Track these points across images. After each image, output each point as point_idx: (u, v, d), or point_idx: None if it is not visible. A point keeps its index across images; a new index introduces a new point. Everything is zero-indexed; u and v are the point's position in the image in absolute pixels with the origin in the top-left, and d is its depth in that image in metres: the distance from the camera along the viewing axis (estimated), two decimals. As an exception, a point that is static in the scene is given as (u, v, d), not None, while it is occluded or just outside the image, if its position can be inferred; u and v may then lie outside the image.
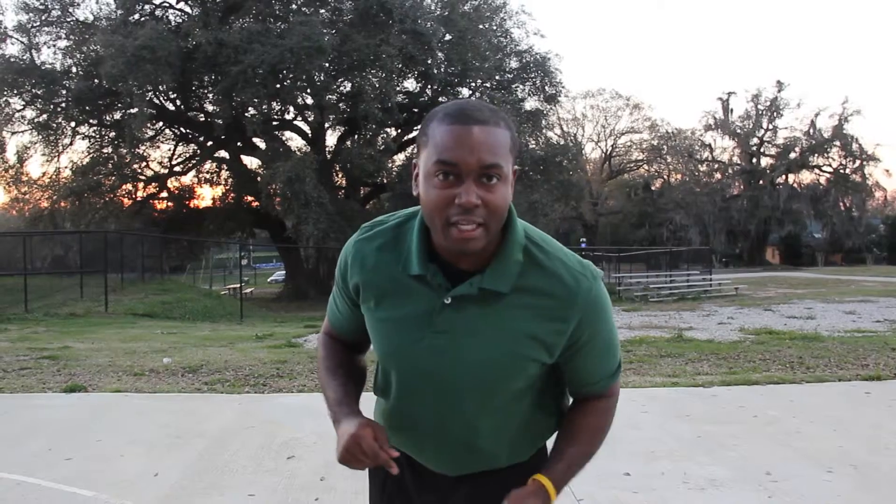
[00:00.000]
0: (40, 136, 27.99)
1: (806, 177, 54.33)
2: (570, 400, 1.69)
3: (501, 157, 1.34)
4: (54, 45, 27.77)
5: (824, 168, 53.05)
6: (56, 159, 28.58)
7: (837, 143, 51.23)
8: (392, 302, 1.49)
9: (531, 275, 1.43)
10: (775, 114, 53.22)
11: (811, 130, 52.17)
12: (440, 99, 29.77)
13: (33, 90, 26.71)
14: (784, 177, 53.28)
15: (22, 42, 27.01)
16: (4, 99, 26.55)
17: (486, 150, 1.31)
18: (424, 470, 1.67)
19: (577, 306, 1.42)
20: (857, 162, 51.43)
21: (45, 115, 27.57)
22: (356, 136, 29.37)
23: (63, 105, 27.30)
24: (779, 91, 52.63)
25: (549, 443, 1.71)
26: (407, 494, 1.70)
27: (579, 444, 1.61)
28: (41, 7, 26.66)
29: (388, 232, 1.54)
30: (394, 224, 1.55)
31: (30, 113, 27.62)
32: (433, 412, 1.55)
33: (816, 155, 52.40)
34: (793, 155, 52.58)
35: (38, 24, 26.95)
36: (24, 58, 26.84)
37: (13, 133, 27.81)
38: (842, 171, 51.92)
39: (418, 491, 1.68)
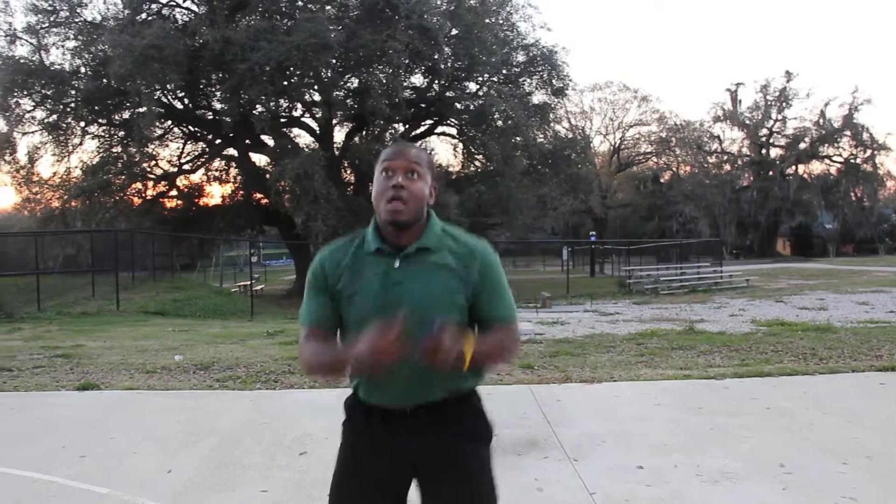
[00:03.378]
0: (50, 137, 28.09)
1: (816, 167, 54.03)
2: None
3: (420, 164, 2.13)
4: (63, 46, 27.80)
5: (835, 158, 52.71)
6: (66, 159, 28.69)
7: (848, 132, 50.86)
8: (359, 275, 2.14)
9: (447, 240, 2.17)
10: (784, 104, 52.87)
11: (821, 120, 51.79)
12: (447, 94, 29.74)
13: (43, 91, 26.79)
14: (794, 167, 52.96)
15: (31, 43, 27.09)
16: (15, 100, 26.63)
17: (411, 158, 2.13)
18: (387, 415, 2.17)
19: (477, 258, 2.15)
20: (868, 151, 51.06)
21: (54, 116, 27.65)
22: (364, 132, 29.36)
23: (72, 105, 27.37)
24: (788, 81, 52.30)
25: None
26: (377, 444, 2.20)
27: (492, 341, 2.13)
28: (49, 8, 26.72)
29: (342, 240, 2.25)
30: (345, 237, 2.25)
31: (40, 113, 27.72)
32: None
33: (827, 145, 52.05)
34: (803, 145, 52.25)
35: (46, 25, 27.01)
36: (34, 59, 26.92)
37: (24, 134, 27.90)
38: (852, 160, 51.55)
39: (385, 435, 2.19)
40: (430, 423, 2.15)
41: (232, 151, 30.93)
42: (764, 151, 54.38)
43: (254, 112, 25.72)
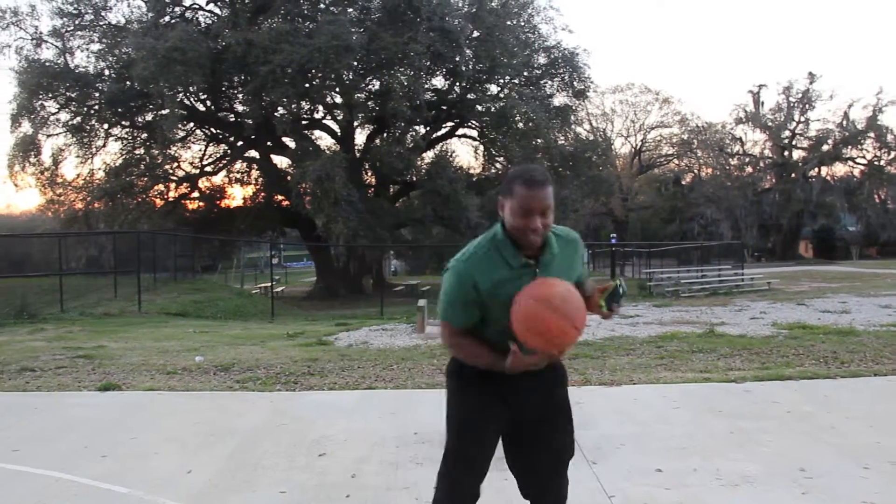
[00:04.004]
0: (74, 139, 28.44)
1: (839, 169, 53.46)
2: None
3: (550, 203, 2.59)
4: (87, 49, 28.16)
5: (858, 160, 52.13)
6: (90, 161, 29.05)
7: (871, 134, 50.28)
8: (514, 284, 2.58)
9: (559, 241, 2.76)
10: (807, 106, 52.36)
11: (844, 122, 51.23)
12: (468, 96, 29.76)
13: (67, 93, 27.13)
14: (817, 169, 52.45)
15: (56, 46, 27.46)
16: (40, 102, 27.00)
17: (544, 201, 2.57)
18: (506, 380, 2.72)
19: (577, 246, 2.86)
20: (892, 153, 50.42)
21: (79, 118, 27.99)
22: (385, 134, 29.45)
23: (96, 107, 27.70)
24: (811, 83, 51.80)
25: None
26: (501, 395, 2.77)
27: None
28: (75, 12, 27.05)
29: (479, 254, 2.65)
30: (481, 246, 2.67)
31: (64, 116, 28.09)
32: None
33: (850, 147, 51.49)
34: (825, 147, 51.72)
35: (71, 28, 27.36)
36: (59, 62, 27.28)
37: (48, 136, 28.28)
38: (876, 162, 50.98)
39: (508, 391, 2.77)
40: (536, 380, 2.78)
41: (253, 153, 31.14)
42: (786, 153, 53.90)
43: (275, 114, 25.90)
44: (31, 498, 4.18)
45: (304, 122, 29.69)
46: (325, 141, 31.92)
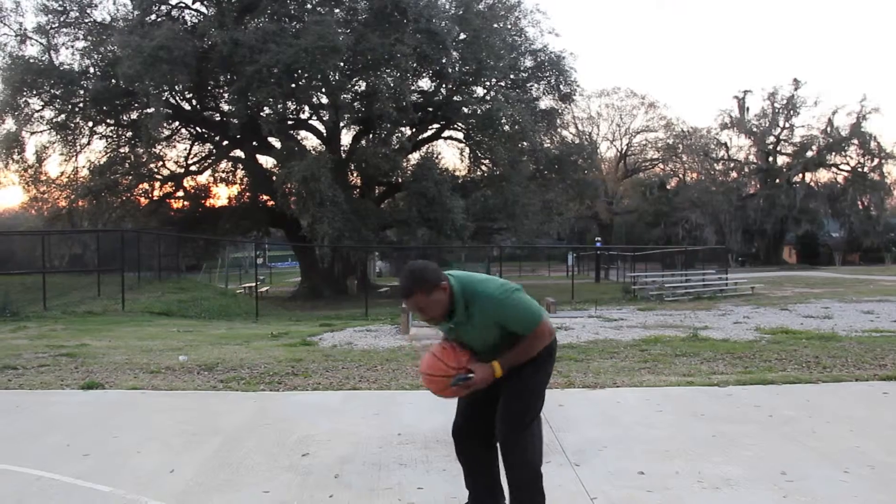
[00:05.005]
0: (59, 136, 28.25)
1: (823, 175, 53.95)
2: None
3: (420, 305, 3.27)
4: (72, 46, 27.98)
5: (842, 166, 52.63)
6: (74, 159, 28.87)
7: (855, 141, 50.79)
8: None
9: (463, 311, 3.32)
10: (792, 112, 52.81)
11: (828, 128, 51.72)
12: (455, 98, 29.78)
13: (52, 90, 26.94)
14: (801, 175, 52.90)
15: (41, 43, 27.25)
16: (24, 99, 26.79)
17: (414, 306, 3.31)
18: None
19: (485, 305, 3.30)
20: (876, 160, 50.97)
21: (63, 115, 27.80)
22: (371, 136, 29.43)
23: (81, 105, 27.52)
24: (795, 89, 52.26)
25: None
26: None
27: (514, 350, 3.37)
28: (60, 9, 26.87)
29: None
30: None
31: (48, 113, 27.89)
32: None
33: (834, 153, 51.98)
34: (810, 153, 52.18)
35: (56, 25, 27.17)
36: (44, 59, 27.07)
37: (32, 133, 28.09)
38: (860, 169, 51.47)
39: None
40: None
41: (239, 153, 31.05)
42: (771, 159, 54.32)
43: (261, 114, 25.80)
44: (12, 497, 4.16)
45: (289, 123, 29.61)
46: (310, 141, 31.91)
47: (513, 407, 3.42)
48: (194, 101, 29.57)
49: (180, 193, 31.95)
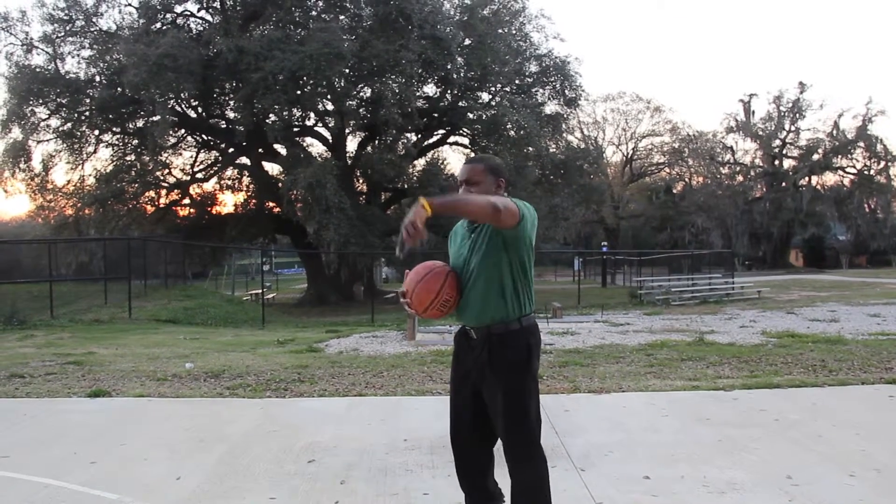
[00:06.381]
0: (65, 145, 28.35)
1: (829, 178, 53.78)
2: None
3: (477, 176, 3.25)
4: (78, 55, 28.10)
5: (848, 169, 52.46)
6: (80, 167, 28.95)
7: (861, 144, 50.62)
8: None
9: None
10: (798, 115, 52.70)
11: (834, 132, 51.58)
12: (460, 104, 29.82)
13: (58, 99, 27.05)
14: (807, 179, 52.74)
15: (47, 52, 27.38)
16: (30, 108, 26.90)
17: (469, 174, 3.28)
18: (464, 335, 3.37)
19: None
20: (882, 163, 50.78)
21: (69, 124, 27.90)
22: (377, 142, 29.47)
23: (87, 113, 27.62)
24: (801, 92, 52.16)
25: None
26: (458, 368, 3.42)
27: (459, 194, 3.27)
28: (66, 18, 27.00)
29: None
30: None
31: (55, 122, 27.98)
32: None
33: (840, 156, 51.81)
34: (816, 156, 52.02)
35: (62, 34, 27.30)
36: (50, 68, 27.20)
37: (39, 142, 28.18)
38: (866, 172, 51.28)
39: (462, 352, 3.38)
40: (480, 349, 3.21)
41: (245, 160, 31.10)
42: (777, 162, 54.20)
43: (267, 121, 25.88)
44: (19, 504, 4.18)
45: (295, 129, 29.67)
46: (316, 148, 31.95)
47: (510, 438, 3.21)
48: (200, 109, 29.65)
49: (186, 201, 32.02)
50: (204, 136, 31.03)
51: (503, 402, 3.17)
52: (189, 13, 28.33)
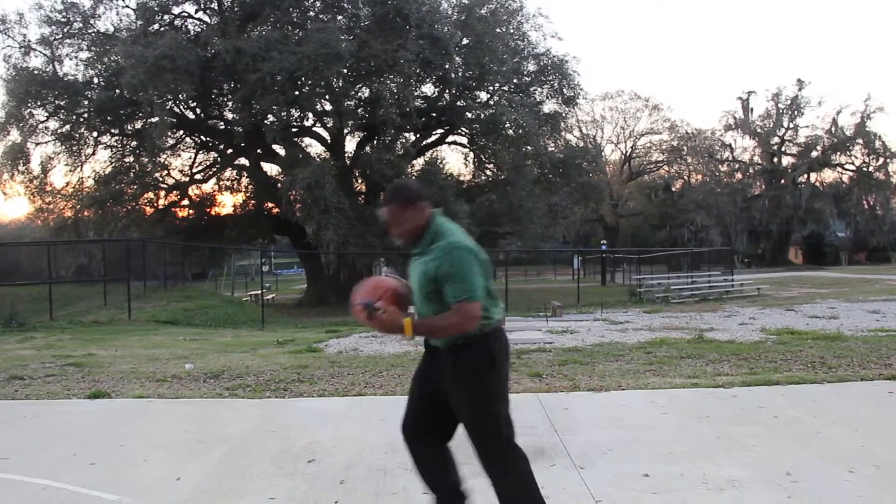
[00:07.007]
0: (63, 147, 28.33)
1: (828, 175, 53.84)
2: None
3: (395, 215, 3.33)
4: (76, 57, 28.08)
5: (847, 166, 52.52)
6: (79, 169, 28.92)
7: (860, 140, 50.66)
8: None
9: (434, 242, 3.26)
10: (796, 112, 52.71)
11: (833, 128, 51.61)
12: (458, 103, 29.81)
13: (56, 101, 27.03)
14: (806, 176, 52.78)
15: (45, 54, 27.37)
16: (28, 111, 26.89)
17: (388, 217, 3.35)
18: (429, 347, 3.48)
19: (440, 253, 3.20)
20: (881, 160, 50.83)
21: (67, 126, 27.88)
22: (375, 142, 29.45)
23: (85, 115, 27.60)
24: (799, 89, 52.17)
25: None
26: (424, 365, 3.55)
27: (438, 319, 3.20)
28: (63, 20, 26.98)
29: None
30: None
31: (53, 124, 27.96)
32: None
33: (839, 153, 51.86)
34: (814, 153, 52.07)
35: (60, 36, 27.28)
36: (48, 70, 27.19)
37: (37, 144, 28.15)
38: (865, 169, 51.33)
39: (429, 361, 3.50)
40: (445, 357, 3.31)
41: (243, 161, 31.09)
42: (776, 160, 54.22)
43: (265, 122, 25.86)
44: (19, 506, 4.18)
45: (293, 130, 29.67)
46: (315, 148, 31.93)
47: (482, 445, 3.29)
48: (198, 110, 29.65)
49: (185, 202, 32.02)
50: (202, 137, 31.02)
51: (471, 409, 3.27)
52: (186, 14, 28.34)
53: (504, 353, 3.36)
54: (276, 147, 28.86)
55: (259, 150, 29.37)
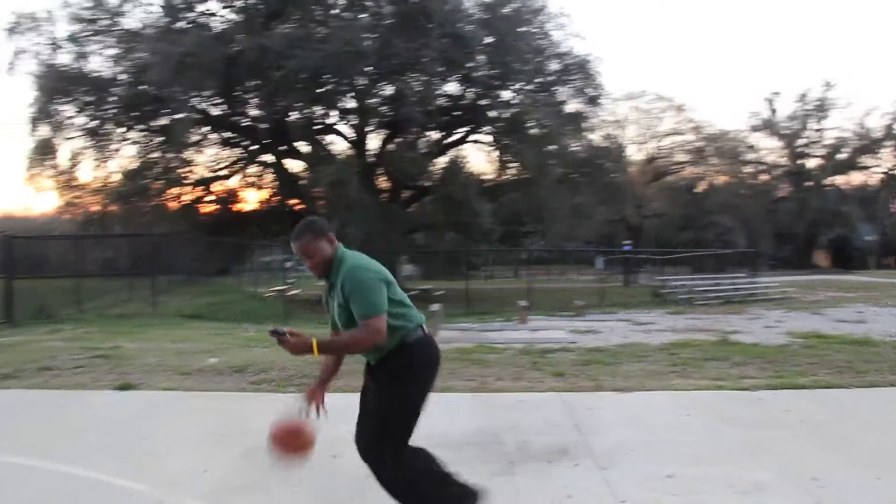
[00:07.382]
0: (91, 142, 28.60)
1: (855, 178, 53.17)
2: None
3: (307, 247, 3.54)
4: (103, 54, 28.31)
5: (874, 169, 51.88)
6: (106, 164, 29.18)
7: (888, 143, 50.02)
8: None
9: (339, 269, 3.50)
10: (823, 114, 52.12)
11: (860, 130, 51.02)
12: (481, 102, 29.77)
13: (84, 97, 27.28)
14: (832, 178, 52.19)
15: (73, 51, 27.63)
16: (57, 106, 27.18)
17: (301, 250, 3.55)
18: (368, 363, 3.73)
19: (345, 279, 3.45)
20: (910, 162, 50.16)
21: (95, 122, 28.13)
22: (398, 140, 29.50)
23: (112, 111, 27.84)
24: (826, 90, 51.56)
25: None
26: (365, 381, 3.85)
27: (344, 336, 3.51)
28: (90, 17, 27.22)
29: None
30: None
31: (81, 119, 28.22)
32: None
33: (866, 155, 51.24)
34: (841, 156, 51.48)
35: (88, 33, 27.53)
36: (75, 67, 27.45)
37: (65, 139, 28.45)
38: (893, 171, 50.69)
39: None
40: (374, 368, 3.65)
41: (267, 157, 31.23)
42: (801, 162, 53.63)
43: (288, 119, 25.95)
44: (48, 494, 4.24)
45: (317, 127, 29.74)
46: (338, 146, 31.99)
47: (367, 423, 3.72)
48: (223, 107, 29.82)
49: (210, 198, 32.22)
50: (227, 133, 31.19)
51: (376, 407, 3.62)
52: (211, 12, 28.49)
53: (425, 363, 3.63)
54: (299, 144, 28.98)
55: (282, 147, 29.49)
